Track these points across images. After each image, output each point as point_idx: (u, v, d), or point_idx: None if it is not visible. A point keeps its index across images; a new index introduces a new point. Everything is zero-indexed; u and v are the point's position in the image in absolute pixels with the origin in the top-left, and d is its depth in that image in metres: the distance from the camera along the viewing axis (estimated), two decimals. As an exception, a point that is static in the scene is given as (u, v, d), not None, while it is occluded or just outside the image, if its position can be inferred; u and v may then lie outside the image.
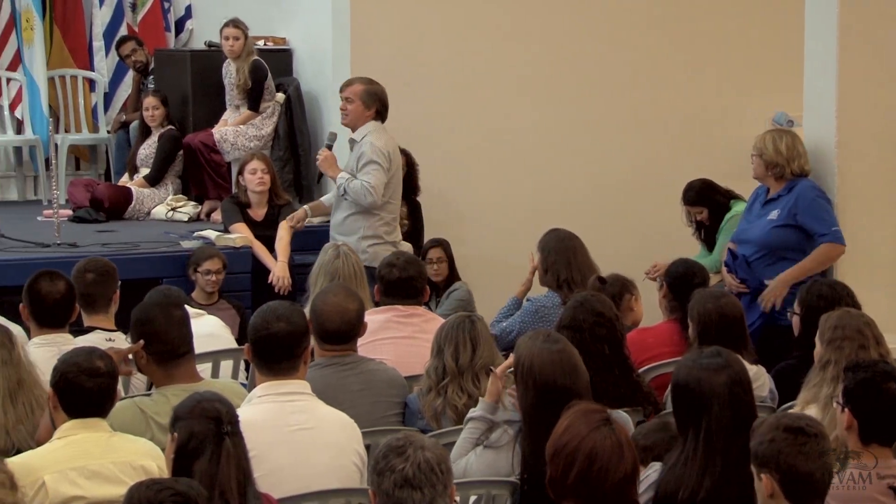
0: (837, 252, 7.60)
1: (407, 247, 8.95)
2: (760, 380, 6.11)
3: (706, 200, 8.66)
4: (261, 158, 9.51)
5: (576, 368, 4.91)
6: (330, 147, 8.85)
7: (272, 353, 4.97)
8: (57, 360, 4.79)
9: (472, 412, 5.20)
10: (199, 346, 5.62)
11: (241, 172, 9.50)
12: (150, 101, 10.89)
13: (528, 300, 7.58)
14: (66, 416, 4.65)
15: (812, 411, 5.13)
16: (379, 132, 8.54)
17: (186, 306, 5.79)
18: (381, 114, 8.57)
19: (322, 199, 9.10)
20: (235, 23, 10.60)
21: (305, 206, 9.02)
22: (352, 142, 8.64)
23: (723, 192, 8.74)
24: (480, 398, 5.22)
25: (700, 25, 11.28)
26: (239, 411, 4.62)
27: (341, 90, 8.66)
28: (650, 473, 4.60)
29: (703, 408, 4.56)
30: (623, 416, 5.21)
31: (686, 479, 4.48)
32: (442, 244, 9.37)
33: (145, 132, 11.01)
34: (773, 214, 7.68)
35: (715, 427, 4.52)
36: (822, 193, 7.69)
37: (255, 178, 9.34)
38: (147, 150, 10.93)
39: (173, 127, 10.91)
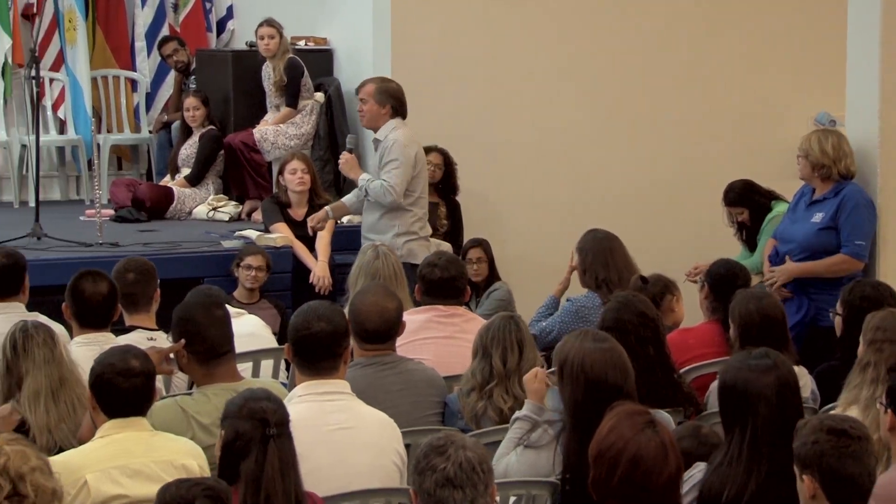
0: (850, 265, 7.57)
1: (446, 246, 8.97)
2: (802, 380, 6.06)
3: (747, 201, 8.62)
4: (301, 158, 9.53)
5: (626, 367, 4.89)
6: (351, 151, 8.87)
7: (313, 352, 4.98)
8: (93, 361, 4.81)
9: (518, 413, 5.18)
10: (240, 346, 5.64)
11: (281, 172, 9.52)
12: (190, 101, 10.94)
13: (567, 300, 7.57)
14: (105, 416, 4.67)
15: (853, 412, 5.11)
16: (401, 129, 8.52)
17: (227, 306, 5.81)
18: (397, 110, 8.54)
19: (343, 199, 9.10)
20: (270, 22, 10.63)
21: (326, 207, 9.04)
22: (375, 142, 8.65)
23: (764, 193, 8.70)
24: (526, 400, 5.20)
25: (743, 26, 11.23)
26: None
27: (356, 92, 8.69)
28: (695, 473, 4.58)
29: (750, 409, 4.53)
30: (665, 417, 5.19)
31: (731, 480, 4.45)
32: (482, 244, 9.36)
33: (186, 132, 11.06)
34: (818, 217, 7.66)
35: (762, 429, 4.50)
36: (868, 202, 7.64)
37: (295, 178, 9.36)
38: (188, 150, 10.98)
39: (214, 127, 10.95)
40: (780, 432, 4.46)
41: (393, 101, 8.52)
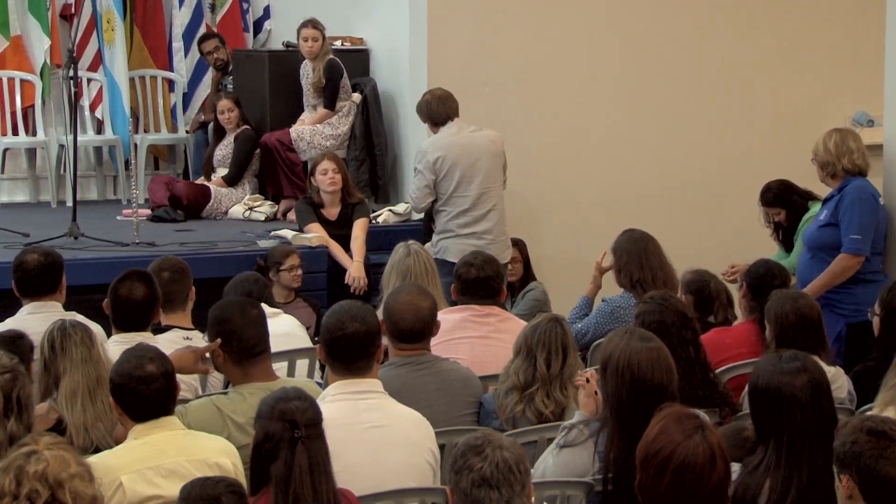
0: (849, 262, 7.50)
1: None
2: (839, 381, 6.05)
3: (784, 201, 8.58)
4: (331, 158, 9.54)
5: (671, 367, 4.87)
6: None
7: (347, 353, 4.98)
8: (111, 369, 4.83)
9: (566, 423, 5.13)
10: (275, 346, 5.64)
11: (312, 173, 9.53)
12: (224, 103, 10.97)
13: (603, 300, 7.55)
14: (133, 421, 4.69)
15: (890, 413, 5.07)
16: (437, 135, 8.99)
17: (263, 304, 5.82)
18: (435, 121, 9.02)
19: None
20: (314, 23, 10.63)
21: None
22: None
23: (801, 193, 8.66)
24: (578, 411, 5.17)
25: (780, 25, 11.19)
26: None
27: None
28: None
29: (784, 414, 4.50)
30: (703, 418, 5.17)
31: (770, 487, 4.43)
32: (517, 244, 9.35)
33: (220, 133, 11.10)
34: (823, 214, 7.67)
35: (798, 435, 4.46)
36: (868, 196, 7.57)
37: (326, 179, 9.37)
38: (223, 151, 11.02)
39: (249, 127, 10.99)
40: (815, 436, 4.44)
41: (423, 115, 9.11)
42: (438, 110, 8.99)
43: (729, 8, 11.07)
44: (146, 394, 4.64)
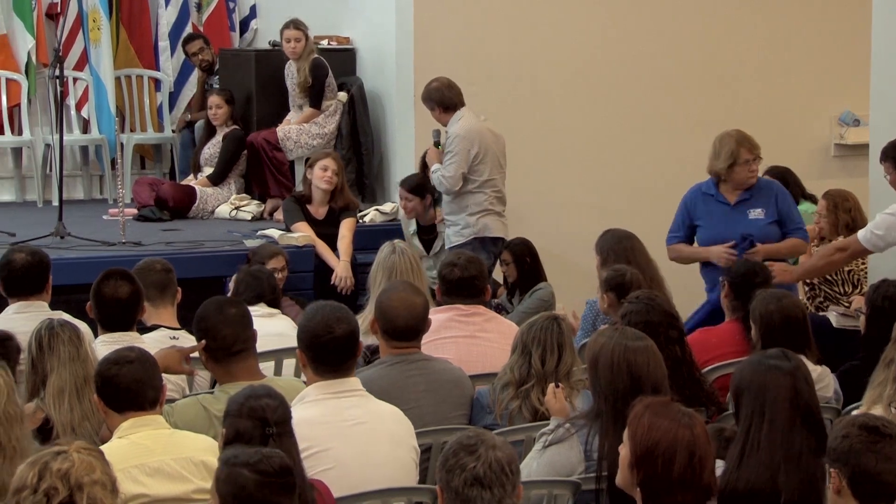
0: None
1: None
2: (825, 380, 6.06)
3: (778, 177, 8.50)
4: (335, 159, 9.55)
5: (663, 366, 4.91)
6: (437, 144, 9.37)
7: (336, 354, 4.97)
8: None
9: (545, 429, 5.13)
10: (268, 345, 5.64)
11: (311, 166, 9.50)
12: (213, 99, 10.94)
13: (587, 303, 7.51)
14: (117, 414, 4.69)
15: (877, 411, 5.08)
16: (462, 120, 9.11)
17: (260, 304, 5.79)
18: (447, 105, 9.13)
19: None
20: (296, 24, 10.62)
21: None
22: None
23: (796, 184, 8.64)
24: (553, 417, 5.17)
25: (766, 24, 11.21)
26: (294, 411, 4.61)
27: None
28: None
29: (765, 402, 4.54)
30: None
31: (752, 476, 4.45)
32: (508, 246, 9.27)
33: (210, 131, 11.08)
34: None
35: (780, 427, 4.50)
36: (685, 197, 8.03)
37: (324, 175, 9.36)
38: (211, 150, 11.00)
39: (238, 126, 10.96)
40: (797, 432, 4.50)
41: (434, 101, 9.15)
42: (450, 95, 9.17)
43: (716, 7, 11.09)
44: (122, 376, 4.64)
